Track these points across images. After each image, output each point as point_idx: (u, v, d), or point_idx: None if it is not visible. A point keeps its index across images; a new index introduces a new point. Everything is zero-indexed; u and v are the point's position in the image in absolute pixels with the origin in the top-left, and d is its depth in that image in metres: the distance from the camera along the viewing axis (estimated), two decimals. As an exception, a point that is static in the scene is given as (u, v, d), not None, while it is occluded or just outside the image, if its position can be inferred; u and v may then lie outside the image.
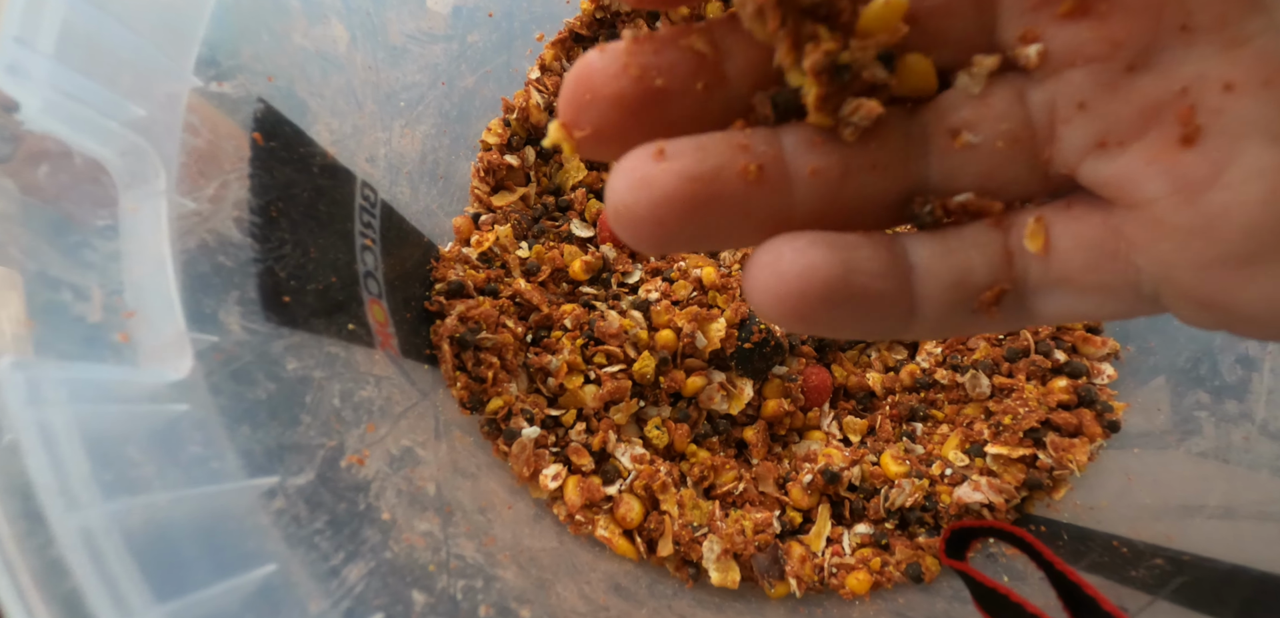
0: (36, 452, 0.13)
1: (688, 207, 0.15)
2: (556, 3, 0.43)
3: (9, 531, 0.12)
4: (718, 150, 0.15)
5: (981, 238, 0.16)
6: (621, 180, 0.15)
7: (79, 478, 0.13)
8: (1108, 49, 0.14)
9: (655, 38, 0.15)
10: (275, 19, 0.24)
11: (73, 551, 0.12)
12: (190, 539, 0.15)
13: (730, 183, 0.15)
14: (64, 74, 0.16)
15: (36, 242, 0.15)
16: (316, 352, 0.23)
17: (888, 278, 0.16)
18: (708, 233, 0.16)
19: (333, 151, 0.28)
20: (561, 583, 0.26)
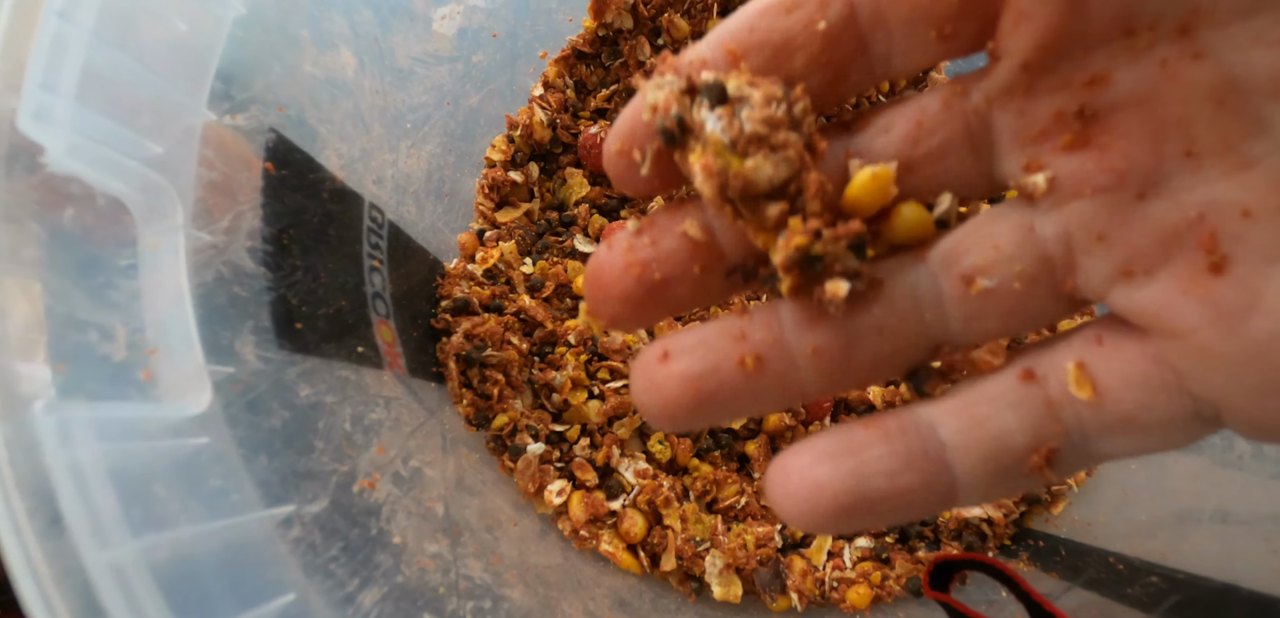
0: (69, 492, 0.13)
1: (694, 404, 0.16)
2: (560, 21, 0.43)
3: (47, 570, 0.13)
4: (717, 346, 0.16)
5: (1013, 396, 0.15)
6: (636, 381, 0.16)
7: (109, 516, 0.14)
8: (1114, 179, 0.14)
9: (653, 227, 0.16)
10: (285, 50, 0.25)
11: (106, 588, 0.13)
12: (213, 572, 0.16)
13: (731, 377, 0.16)
14: (86, 116, 0.17)
15: (64, 284, 0.15)
16: (328, 377, 0.23)
17: (910, 471, 0.15)
18: (720, 417, 0.16)
19: (341, 176, 0.29)
20: (567, 601, 0.27)
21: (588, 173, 0.46)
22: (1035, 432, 0.15)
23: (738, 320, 0.16)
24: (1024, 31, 0.14)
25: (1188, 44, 0.13)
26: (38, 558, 0.13)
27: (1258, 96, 0.13)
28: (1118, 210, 0.14)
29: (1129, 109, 0.14)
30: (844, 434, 0.16)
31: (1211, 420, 0.15)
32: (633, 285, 0.16)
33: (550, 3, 0.42)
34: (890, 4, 0.15)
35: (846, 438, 0.16)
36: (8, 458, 0.13)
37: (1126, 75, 0.14)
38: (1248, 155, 0.13)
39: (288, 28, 0.25)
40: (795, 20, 0.15)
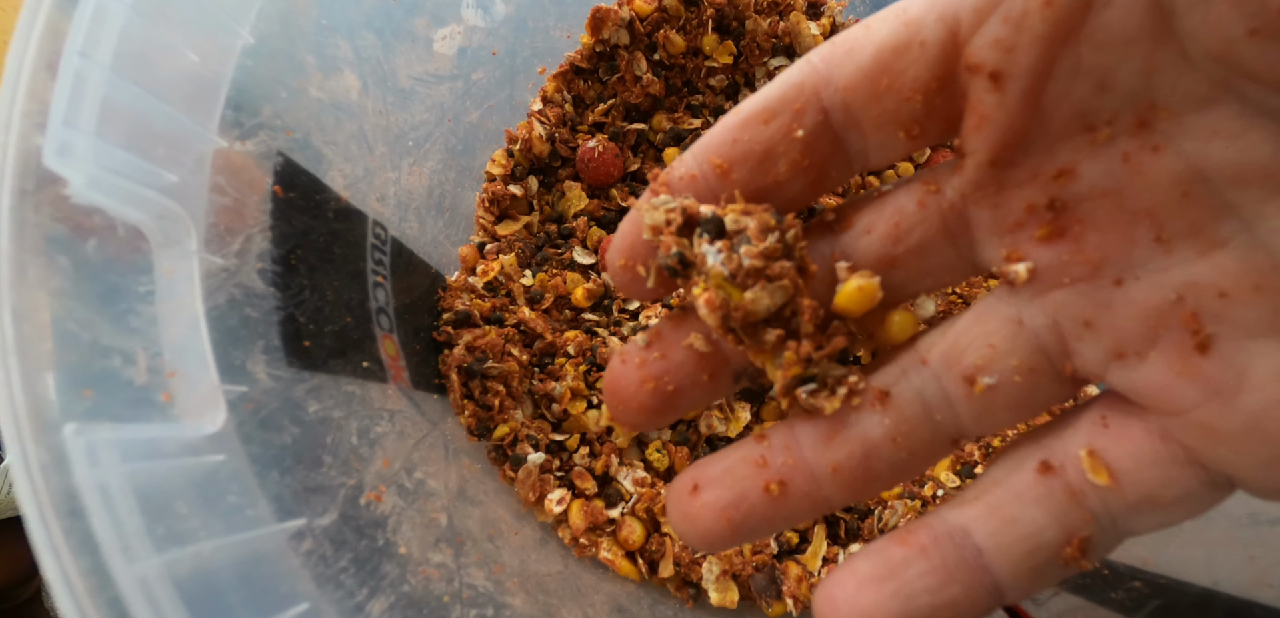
0: (98, 511, 0.14)
1: (728, 531, 0.17)
2: (557, 38, 0.44)
3: (82, 584, 0.14)
4: (742, 475, 0.17)
5: (1037, 491, 0.16)
6: (672, 513, 0.18)
7: (134, 533, 0.15)
8: (1091, 268, 0.15)
9: (661, 342, 0.17)
10: (292, 76, 0.26)
11: (134, 600, 0.14)
12: (232, 584, 0.16)
13: (759, 503, 0.17)
14: (105, 149, 0.18)
15: (89, 313, 0.16)
16: (335, 392, 0.24)
17: (953, 584, 0.15)
18: (756, 536, 0.17)
19: (346, 195, 0.29)
20: (567, 608, 0.28)
21: (586, 186, 0.46)
22: (1064, 524, 0.15)
23: (758, 447, 0.17)
24: (986, 132, 0.15)
25: (1147, 137, 0.14)
26: (73, 575, 0.14)
27: (1220, 183, 0.13)
28: (1099, 296, 0.15)
29: (1098, 199, 0.14)
30: (881, 555, 0.16)
31: (1226, 487, 0.15)
32: (648, 398, 0.17)
33: (548, 20, 0.43)
34: (861, 109, 0.16)
35: (885, 559, 0.16)
36: (43, 481, 0.14)
37: (1092, 168, 0.14)
38: (1217, 237, 0.14)
39: (294, 54, 0.26)
40: (775, 130, 0.16)
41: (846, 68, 0.16)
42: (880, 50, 0.15)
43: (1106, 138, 0.14)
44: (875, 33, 0.15)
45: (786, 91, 0.16)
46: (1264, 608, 0.24)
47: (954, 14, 0.14)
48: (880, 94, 0.15)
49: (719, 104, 0.48)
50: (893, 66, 0.15)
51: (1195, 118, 0.13)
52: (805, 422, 0.17)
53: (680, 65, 0.46)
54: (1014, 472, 0.16)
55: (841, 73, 0.16)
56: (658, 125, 0.47)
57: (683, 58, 0.46)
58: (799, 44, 0.46)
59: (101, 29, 0.18)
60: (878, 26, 0.15)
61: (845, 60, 0.16)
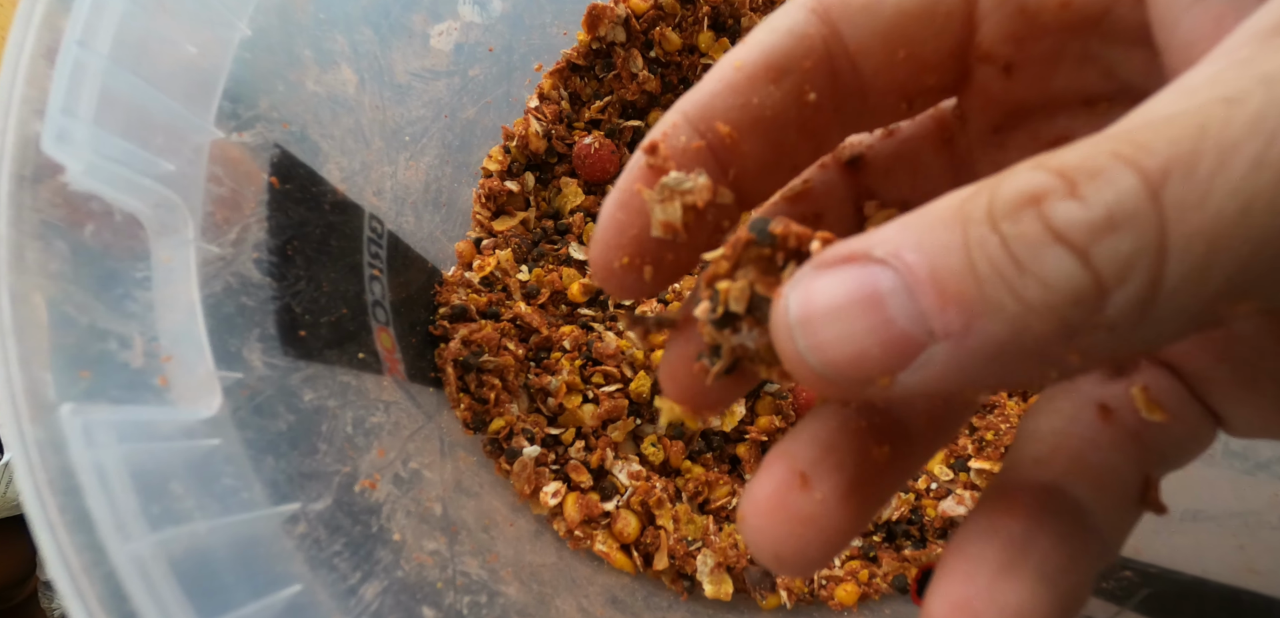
0: (94, 490, 0.14)
1: (859, 517, 0.14)
2: (554, 35, 0.44)
3: (77, 561, 0.14)
4: (842, 445, 0.14)
5: (1110, 437, 0.15)
6: (773, 529, 0.14)
7: (130, 512, 0.15)
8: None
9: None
10: (289, 69, 0.26)
11: (129, 578, 0.14)
12: (226, 564, 0.17)
13: (877, 473, 0.15)
14: (103, 137, 0.18)
15: (87, 297, 0.17)
16: (330, 382, 0.24)
17: (1082, 556, 0.14)
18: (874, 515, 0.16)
19: (342, 188, 0.30)
20: (561, 597, 0.28)
21: (582, 182, 0.47)
22: (1139, 465, 0.15)
23: (837, 410, 0.15)
24: (991, 109, 0.15)
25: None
26: (69, 551, 0.14)
27: None
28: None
29: None
30: (1005, 535, 0.13)
31: (1217, 424, 0.15)
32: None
33: (545, 17, 0.43)
34: (872, 75, 0.15)
35: (1010, 540, 0.13)
36: (40, 458, 0.14)
37: (1089, 131, 0.14)
38: None
39: (291, 48, 0.26)
40: (787, 92, 0.15)
41: (861, 27, 0.14)
42: (900, 12, 0.14)
43: (1105, 111, 0.14)
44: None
45: (795, 45, 0.14)
46: (1251, 594, 0.25)
47: None
48: (895, 61, 0.14)
49: (715, 101, 0.48)
50: (912, 35, 0.14)
51: None
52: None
53: (676, 62, 0.46)
54: (1075, 421, 0.15)
55: (856, 32, 0.14)
56: (654, 122, 0.47)
57: (679, 55, 0.46)
58: (794, 41, 0.46)
59: (100, 19, 0.18)
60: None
61: (861, 18, 0.14)
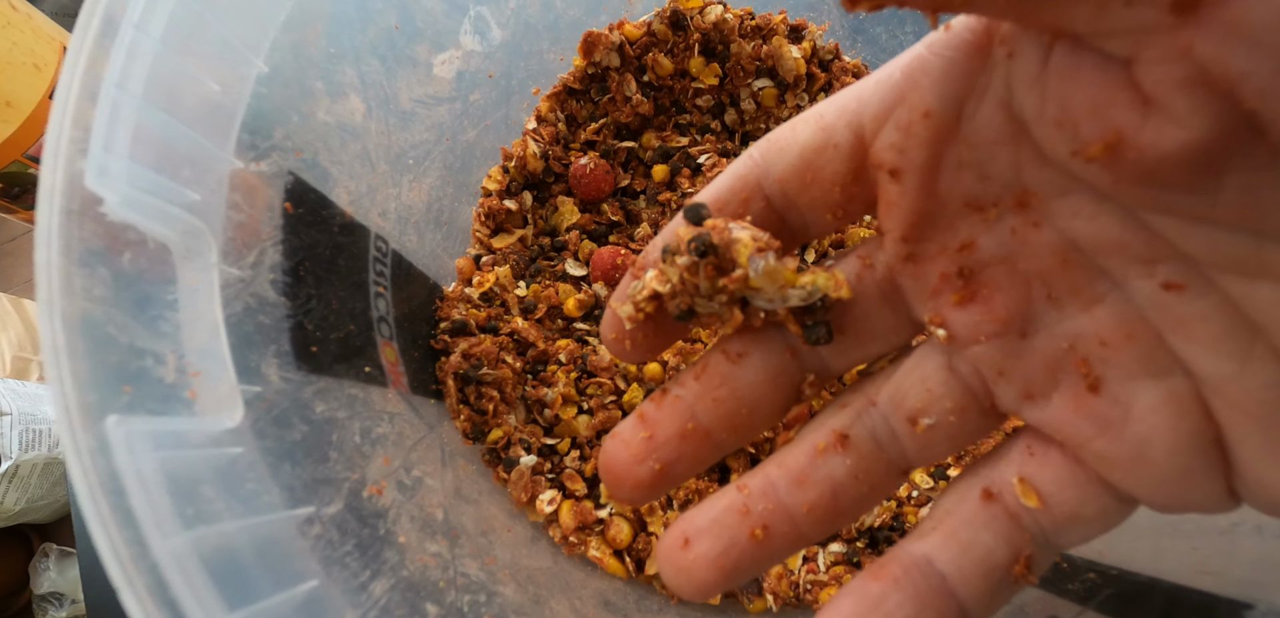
0: (137, 491, 0.16)
1: (719, 578, 0.18)
2: (551, 60, 0.46)
3: (126, 552, 0.15)
4: (728, 523, 0.19)
5: (983, 516, 0.18)
6: (665, 567, 0.19)
7: (166, 512, 0.17)
8: (1000, 326, 0.17)
9: (651, 424, 0.19)
10: (302, 101, 0.28)
11: (169, 570, 0.16)
12: (251, 561, 0.18)
13: (747, 548, 0.18)
14: (137, 171, 0.20)
15: (126, 319, 0.18)
16: (340, 395, 0.26)
17: (929, 610, 0.17)
18: (744, 578, 0.19)
19: (350, 211, 0.31)
20: (555, 599, 0.29)
21: (578, 201, 0.48)
22: (1010, 544, 0.17)
23: (739, 496, 0.19)
24: (895, 215, 0.17)
25: (1027, 215, 0.16)
26: (119, 545, 0.15)
27: (1091, 251, 0.16)
28: (1009, 349, 0.17)
29: (998, 266, 0.17)
30: (861, 594, 0.18)
31: (1131, 502, 0.17)
32: (646, 474, 0.19)
33: (542, 44, 0.45)
34: (795, 196, 0.19)
35: (866, 596, 0.17)
36: (91, 464, 0.16)
37: (988, 241, 0.17)
38: (1095, 295, 0.16)
39: (304, 81, 0.28)
40: (731, 215, 0.19)
41: (779, 164, 0.19)
42: (804, 150, 0.18)
43: (996, 216, 0.17)
44: (799, 134, 0.18)
45: (735, 183, 0.19)
46: (1198, 593, 0.26)
47: (859, 121, 0.17)
48: (807, 185, 0.18)
49: (706, 122, 0.50)
50: (814, 164, 0.18)
51: (1059, 201, 0.16)
52: (779, 468, 0.19)
53: (668, 86, 0.48)
54: (963, 501, 0.18)
55: (776, 167, 0.19)
56: (647, 143, 0.49)
57: (671, 79, 0.48)
58: (781, 66, 0.48)
59: (134, 63, 0.20)
60: (800, 129, 0.18)
61: (778, 158, 0.19)
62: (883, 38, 0.48)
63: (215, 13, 0.22)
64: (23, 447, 1.47)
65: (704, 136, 0.50)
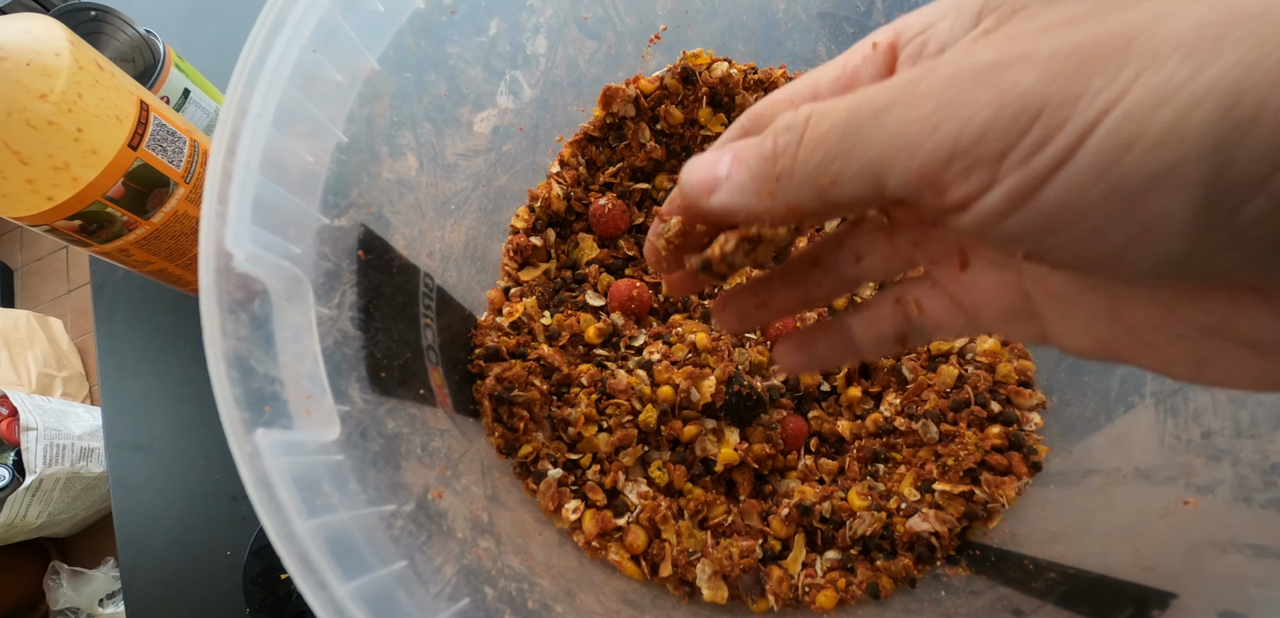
0: (280, 487, 0.21)
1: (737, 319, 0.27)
2: (574, 112, 0.51)
3: (282, 531, 0.20)
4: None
5: (889, 314, 0.26)
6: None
7: (300, 503, 0.21)
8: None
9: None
10: (371, 164, 0.33)
11: (307, 544, 0.20)
12: (360, 542, 0.23)
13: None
14: (257, 232, 0.24)
15: (261, 354, 0.23)
16: (403, 414, 0.31)
17: (837, 349, 0.26)
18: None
19: (406, 253, 0.36)
20: (583, 593, 0.34)
21: (597, 237, 0.53)
22: (896, 327, 0.25)
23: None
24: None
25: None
26: (274, 525, 0.20)
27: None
28: (923, 237, 0.24)
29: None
30: (804, 335, 0.27)
31: (981, 328, 0.24)
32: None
33: (566, 98, 0.50)
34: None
35: (805, 337, 0.27)
36: (251, 466, 0.20)
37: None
38: (942, 224, 0.23)
39: (372, 147, 0.33)
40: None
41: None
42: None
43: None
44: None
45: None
46: (1136, 586, 0.31)
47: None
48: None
49: (713, 166, 0.55)
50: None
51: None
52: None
53: (679, 133, 0.53)
54: (880, 303, 0.26)
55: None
56: (660, 184, 0.54)
57: (681, 128, 0.53)
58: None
59: (255, 143, 0.24)
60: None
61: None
62: (874, 90, 0.53)
63: (311, 97, 0.27)
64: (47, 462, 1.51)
65: (711, 179, 0.55)
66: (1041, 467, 0.44)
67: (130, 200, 0.48)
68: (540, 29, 0.42)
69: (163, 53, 0.63)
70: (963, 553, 0.44)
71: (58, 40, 0.43)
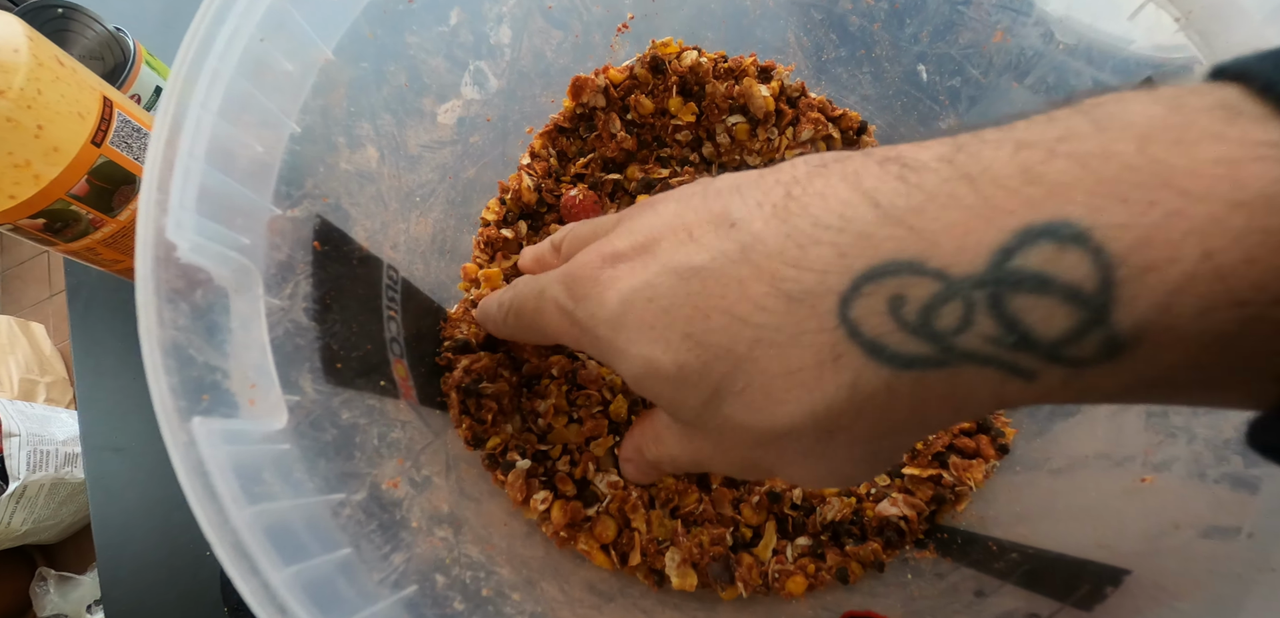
0: (217, 475, 0.21)
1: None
2: (544, 103, 0.51)
3: (215, 520, 0.20)
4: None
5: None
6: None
7: (238, 492, 0.21)
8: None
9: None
10: (327, 154, 0.33)
11: (243, 533, 0.20)
12: (300, 531, 0.23)
13: None
14: (202, 222, 0.24)
15: (203, 344, 0.23)
16: (360, 405, 0.31)
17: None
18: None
19: (366, 245, 0.36)
20: (546, 582, 0.34)
21: (568, 229, 0.53)
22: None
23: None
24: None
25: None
26: (208, 514, 0.20)
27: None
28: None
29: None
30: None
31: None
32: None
33: (534, 89, 0.50)
34: None
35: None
36: (185, 454, 0.20)
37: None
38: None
39: (329, 137, 0.33)
40: None
41: None
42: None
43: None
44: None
45: None
46: (1094, 565, 0.31)
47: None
48: None
49: (685, 155, 0.55)
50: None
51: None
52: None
53: (650, 123, 0.53)
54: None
55: None
56: (631, 175, 0.54)
57: (652, 117, 0.53)
58: (752, 104, 0.53)
59: (200, 133, 0.24)
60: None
61: None
62: (843, 76, 0.53)
63: (261, 87, 0.27)
64: (30, 467, 1.50)
65: (683, 168, 0.55)
66: (1009, 449, 0.44)
67: (95, 198, 0.48)
68: (504, 18, 0.42)
69: (133, 50, 0.62)
70: (931, 537, 0.44)
71: (15, 36, 0.43)
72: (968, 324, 0.15)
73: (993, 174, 0.15)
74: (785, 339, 0.17)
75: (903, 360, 0.16)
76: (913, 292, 0.15)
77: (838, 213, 0.16)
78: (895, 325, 0.16)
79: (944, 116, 0.49)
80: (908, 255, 0.15)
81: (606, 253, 0.22)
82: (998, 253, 0.14)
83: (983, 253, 0.15)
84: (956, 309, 0.15)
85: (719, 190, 0.21)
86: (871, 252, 0.16)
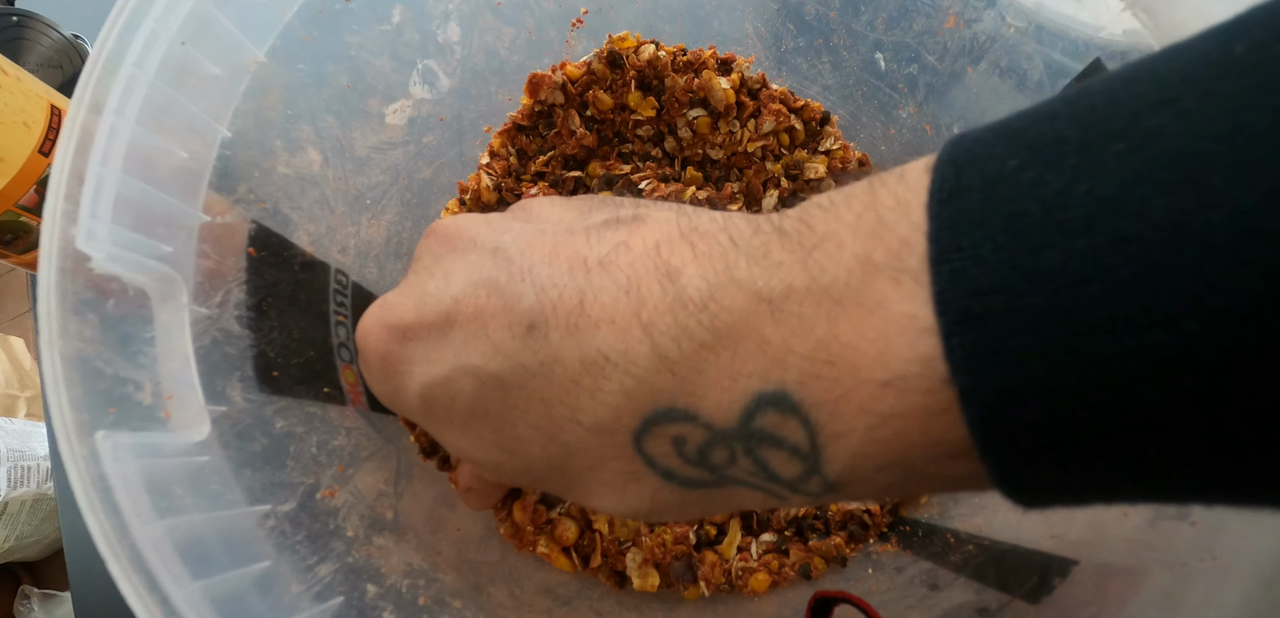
0: (120, 489, 0.20)
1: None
2: (500, 101, 0.51)
3: (114, 535, 0.19)
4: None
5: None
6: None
7: (144, 506, 0.20)
8: None
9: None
10: (263, 159, 0.32)
11: (145, 548, 0.20)
12: (213, 544, 0.22)
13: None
14: (118, 231, 0.24)
15: (113, 355, 0.22)
16: (299, 412, 0.30)
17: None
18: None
19: (311, 250, 0.36)
20: (495, 587, 0.33)
21: (530, 229, 0.53)
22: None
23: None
24: None
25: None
26: (107, 529, 0.19)
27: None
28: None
29: None
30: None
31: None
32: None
33: (490, 87, 0.49)
34: None
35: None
36: (84, 469, 0.20)
37: None
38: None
39: (264, 141, 0.32)
40: None
41: None
42: None
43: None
44: None
45: None
46: (1043, 555, 0.31)
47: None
48: None
49: (646, 150, 0.55)
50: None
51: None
52: None
53: (610, 119, 0.53)
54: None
55: None
56: (593, 172, 0.54)
57: (611, 113, 0.52)
58: (712, 97, 0.53)
59: (114, 142, 0.24)
60: None
61: None
62: (804, 67, 0.53)
63: (184, 93, 0.27)
64: (11, 484, 1.49)
65: (646, 164, 0.54)
66: (971, 440, 0.44)
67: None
68: (450, 16, 0.41)
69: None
70: (894, 530, 0.44)
71: (-49, 45, 0.42)
72: (733, 462, 0.19)
73: (736, 336, 0.18)
74: (593, 459, 0.21)
75: (691, 482, 0.20)
76: (691, 436, 0.19)
77: (621, 349, 0.19)
78: (681, 460, 0.20)
79: (903, 105, 0.49)
80: (681, 405, 0.19)
81: (392, 323, 0.23)
82: (743, 414, 0.18)
83: (735, 411, 0.18)
84: (724, 451, 0.19)
85: (510, 259, 0.22)
86: (653, 398, 0.19)
